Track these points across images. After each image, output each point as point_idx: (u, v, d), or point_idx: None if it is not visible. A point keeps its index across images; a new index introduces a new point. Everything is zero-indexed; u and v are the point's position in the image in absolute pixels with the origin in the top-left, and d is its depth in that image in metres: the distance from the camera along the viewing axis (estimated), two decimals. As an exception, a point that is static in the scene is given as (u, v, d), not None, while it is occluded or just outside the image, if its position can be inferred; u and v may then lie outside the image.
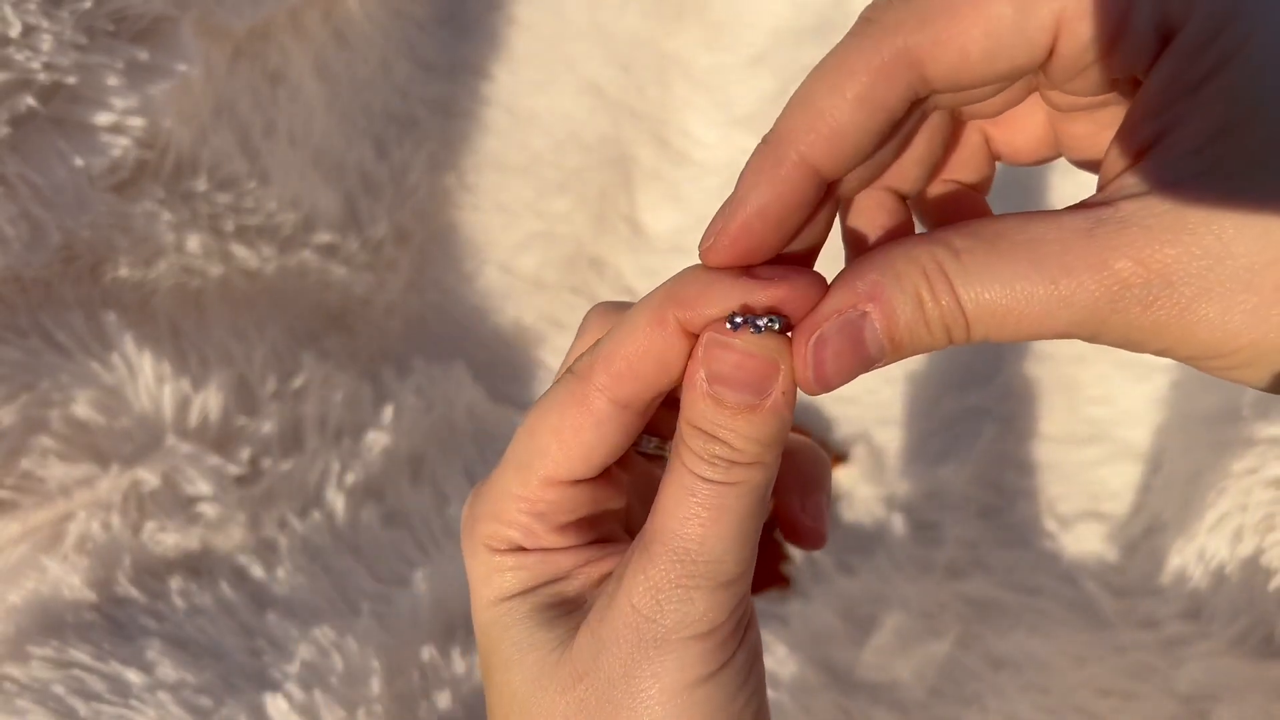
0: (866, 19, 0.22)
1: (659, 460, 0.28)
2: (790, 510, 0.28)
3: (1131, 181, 0.20)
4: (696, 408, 0.22)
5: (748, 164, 0.23)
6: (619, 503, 0.27)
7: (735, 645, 0.24)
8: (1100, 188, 0.21)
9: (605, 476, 0.26)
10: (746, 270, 0.23)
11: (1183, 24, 0.19)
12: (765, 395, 0.22)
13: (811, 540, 0.29)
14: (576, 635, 0.24)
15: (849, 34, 0.22)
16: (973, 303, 0.20)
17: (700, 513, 0.22)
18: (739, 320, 0.22)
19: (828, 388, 0.22)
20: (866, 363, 0.22)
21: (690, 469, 0.22)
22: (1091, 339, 0.20)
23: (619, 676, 0.23)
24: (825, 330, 0.22)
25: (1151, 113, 0.20)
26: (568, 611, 0.25)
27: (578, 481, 0.25)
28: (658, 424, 0.27)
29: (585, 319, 0.27)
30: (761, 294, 0.22)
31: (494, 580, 0.25)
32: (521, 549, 0.25)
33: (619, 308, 0.26)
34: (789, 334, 0.23)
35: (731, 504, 0.22)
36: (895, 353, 0.22)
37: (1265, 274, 0.18)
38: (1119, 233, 0.19)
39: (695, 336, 0.23)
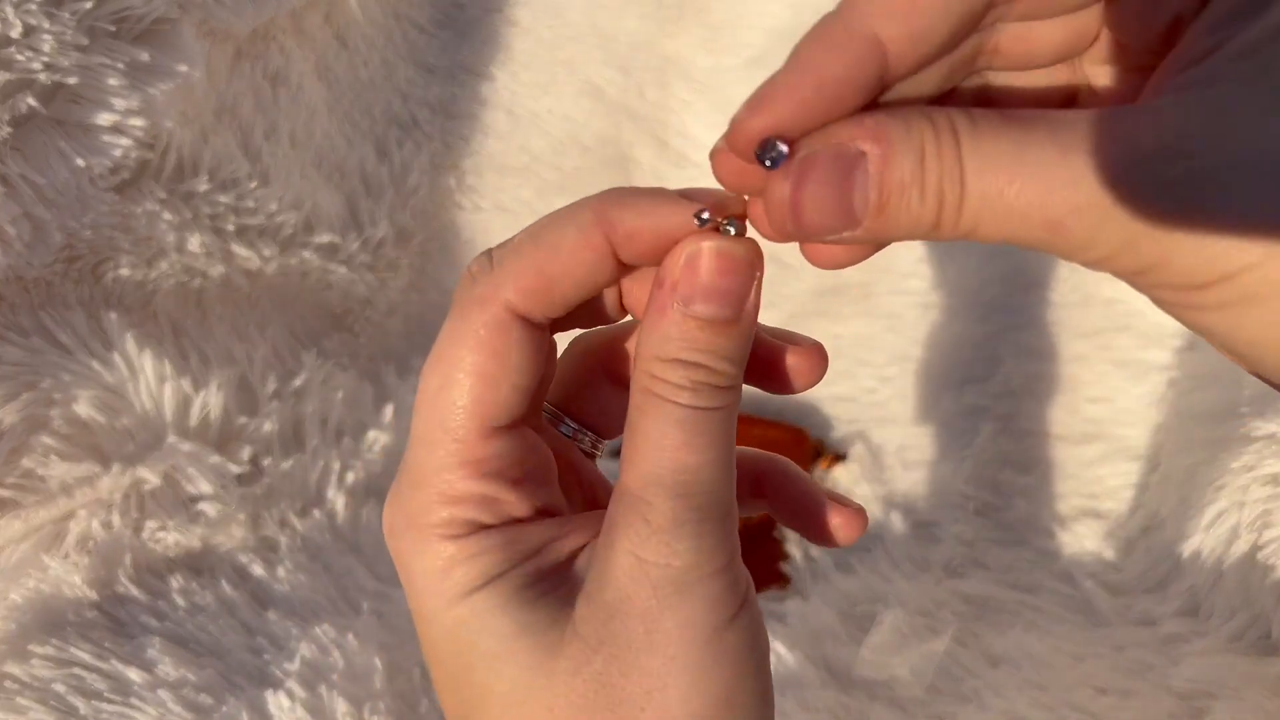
0: None
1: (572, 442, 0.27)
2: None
3: (1171, 85, 0.19)
4: (672, 334, 0.21)
5: (809, 34, 0.21)
6: (550, 464, 0.25)
7: (745, 582, 0.23)
8: None
9: (527, 427, 0.24)
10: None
11: None
12: (743, 305, 0.21)
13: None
14: (574, 610, 0.22)
15: None
16: (975, 167, 0.18)
17: (692, 441, 0.21)
18: (706, 217, 0.21)
19: (798, 229, 0.20)
20: (846, 214, 0.19)
21: (672, 400, 0.21)
22: (1084, 247, 0.18)
23: (640, 637, 0.21)
24: (816, 153, 0.19)
25: (1206, 30, 0.19)
26: (545, 592, 0.23)
27: (512, 426, 0.23)
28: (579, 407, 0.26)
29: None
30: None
31: (456, 574, 0.22)
32: (484, 527, 0.23)
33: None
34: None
35: (718, 430, 0.22)
36: (878, 215, 0.19)
37: None
38: (1144, 114, 0.18)
39: (621, 263, 0.22)
